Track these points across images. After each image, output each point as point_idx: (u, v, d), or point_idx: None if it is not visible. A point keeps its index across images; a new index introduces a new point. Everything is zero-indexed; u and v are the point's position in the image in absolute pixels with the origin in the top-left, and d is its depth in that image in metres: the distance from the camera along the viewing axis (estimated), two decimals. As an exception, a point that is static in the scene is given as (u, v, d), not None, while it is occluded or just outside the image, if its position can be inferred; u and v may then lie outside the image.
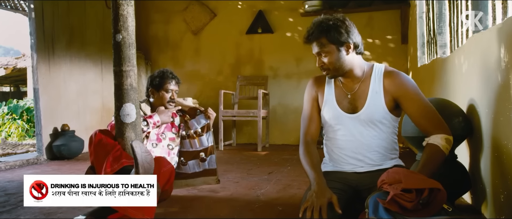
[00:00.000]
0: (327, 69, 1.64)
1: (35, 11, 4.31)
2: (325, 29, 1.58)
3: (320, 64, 1.64)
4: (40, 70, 4.32)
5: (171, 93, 2.52)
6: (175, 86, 2.55)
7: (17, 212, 2.27)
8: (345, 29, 1.58)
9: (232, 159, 4.25)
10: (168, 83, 2.51)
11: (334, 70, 1.63)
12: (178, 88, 2.60)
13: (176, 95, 2.57)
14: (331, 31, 1.57)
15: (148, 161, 1.76)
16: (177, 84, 2.58)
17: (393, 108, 1.62)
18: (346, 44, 1.59)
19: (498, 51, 1.66)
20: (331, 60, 1.60)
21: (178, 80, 2.60)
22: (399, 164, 1.68)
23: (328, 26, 1.57)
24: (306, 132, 1.73)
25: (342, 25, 1.58)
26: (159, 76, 2.53)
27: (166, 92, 2.51)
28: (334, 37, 1.57)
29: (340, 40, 1.57)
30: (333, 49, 1.59)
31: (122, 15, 1.80)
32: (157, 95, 2.53)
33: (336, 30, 1.57)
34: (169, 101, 2.52)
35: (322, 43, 1.60)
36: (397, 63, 5.14)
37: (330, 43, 1.58)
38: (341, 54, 1.60)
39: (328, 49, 1.59)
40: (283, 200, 2.45)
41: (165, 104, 2.51)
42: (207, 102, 5.95)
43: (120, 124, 1.83)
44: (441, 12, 3.17)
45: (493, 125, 1.77)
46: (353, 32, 1.60)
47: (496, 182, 1.75)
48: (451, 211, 1.26)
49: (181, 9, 6.11)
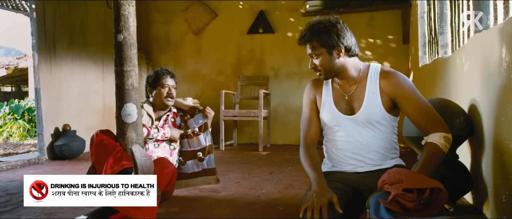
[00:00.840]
0: (319, 71, 1.66)
1: (36, 11, 4.32)
2: (316, 32, 1.59)
3: (312, 66, 1.67)
4: (41, 70, 4.33)
5: (168, 88, 2.54)
6: (171, 81, 2.57)
7: (18, 212, 2.28)
8: (336, 33, 1.58)
9: (233, 159, 4.25)
10: (163, 79, 2.53)
11: (325, 72, 1.64)
12: (175, 83, 2.61)
13: (174, 91, 2.58)
14: (322, 34, 1.58)
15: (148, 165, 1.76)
16: (172, 79, 2.59)
17: (390, 108, 1.62)
18: (336, 48, 1.59)
19: (499, 51, 1.66)
20: (322, 63, 1.62)
21: (173, 75, 2.62)
22: (400, 164, 1.68)
23: (319, 29, 1.58)
24: (306, 134, 1.74)
25: (332, 29, 1.58)
26: (154, 74, 2.57)
27: (162, 88, 2.53)
28: (325, 41, 1.58)
29: (330, 43, 1.58)
30: (324, 52, 1.60)
31: (123, 15, 1.80)
32: (155, 93, 2.55)
33: (326, 34, 1.57)
34: (167, 97, 2.53)
35: (313, 46, 1.61)
36: (398, 63, 5.14)
37: (321, 46, 1.60)
38: (332, 57, 1.61)
39: (319, 52, 1.61)
40: (284, 200, 2.45)
41: (163, 100, 2.53)
42: (208, 102, 5.96)
43: (121, 124, 1.83)
44: (442, 12, 3.16)
45: (494, 125, 1.76)
46: (345, 35, 1.60)
47: (498, 182, 1.75)
48: (452, 211, 1.26)
49: (182, 9, 6.12)
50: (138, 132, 1.85)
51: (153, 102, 2.59)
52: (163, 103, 2.55)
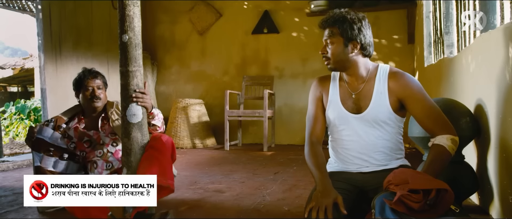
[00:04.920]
0: (328, 59, 1.64)
1: (42, 12, 4.35)
2: (340, 19, 1.58)
3: (323, 52, 1.64)
4: (47, 70, 4.36)
5: (92, 89, 2.33)
6: (93, 81, 2.34)
7: (24, 211, 2.29)
8: (358, 27, 1.57)
9: (238, 159, 4.25)
10: (85, 81, 2.34)
11: (334, 62, 1.62)
12: (100, 82, 2.37)
13: (100, 91, 2.35)
14: (345, 23, 1.57)
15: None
16: (96, 78, 2.36)
17: (398, 108, 1.61)
18: (353, 42, 1.58)
19: (506, 51, 1.65)
20: (334, 51, 1.60)
21: (96, 73, 2.38)
22: (405, 164, 1.67)
23: (344, 18, 1.58)
24: (311, 132, 1.73)
25: (357, 23, 1.58)
26: (77, 77, 2.39)
27: (86, 91, 2.32)
28: (345, 30, 1.57)
29: (349, 35, 1.57)
30: (340, 41, 1.59)
31: (128, 16, 1.80)
32: (81, 97, 2.36)
33: (349, 25, 1.57)
34: (93, 98, 2.31)
35: (332, 32, 1.60)
36: (403, 63, 5.12)
37: (340, 34, 1.59)
38: (346, 49, 1.60)
39: (336, 40, 1.59)
40: (289, 200, 2.45)
41: (89, 102, 2.32)
42: (213, 102, 5.98)
43: (127, 124, 1.83)
44: (448, 12, 3.14)
45: (501, 125, 1.75)
46: (366, 34, 1.60)
47: (504, 183, 1.73)
48: (458, 212, 1.25)
49: (187, 10, 6.13)
50: (143, 132, 1.86)
51: (83, 107, 2.40)
52: (91, 106, 2.33)
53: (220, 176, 3.27)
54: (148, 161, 1.82)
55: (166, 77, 6.33)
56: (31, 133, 2.24)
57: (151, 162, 1.82)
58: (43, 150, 2.24)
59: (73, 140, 2.33)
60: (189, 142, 5.38)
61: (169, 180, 1.85)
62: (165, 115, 6.06)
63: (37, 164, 2.19)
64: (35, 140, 2.22)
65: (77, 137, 2.33)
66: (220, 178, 3.17)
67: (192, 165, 3.90)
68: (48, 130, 2.28)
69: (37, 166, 2.20)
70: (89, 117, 2.38)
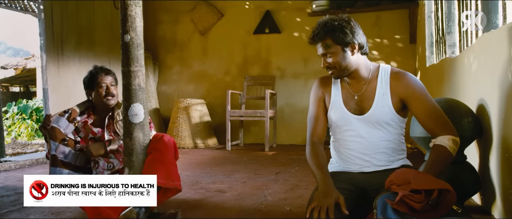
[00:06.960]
0: (333, 69, 1.63)
1: (44, 12, 4.36)
2: (330, 29, 1.57)
3: (325, 65, 1.64)
4: (49, 70, 4.36)
5: (106, 86, 2.33)
6: (107, 78, 2.34)
7: (27, 210, 2.30)
8: (350, 30, 1.57)
9: (239, 159, 4.25)
10: (99, 78, 2.33)
11: (339, 70, 1.62)
12: (113, 79, 2.38)
13: (113, 88, 2.36)
14: (336, 31, 1.56)
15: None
16: (109, 75, 2.36)
17: (400, 109, 1.61)
18: (351, 45, 1.58)
19: (508, 51, 1.64)
20: (337, 61, 1.60)
21: (109, 71, 2.39)
22: (407, 164, 1.67)
23: (334, 26, 1.57)
24: (313, 133, 1.72)
25: (347, 26, 1.57)
26: (89, 75, 2.38)
27: (100, 88, 2.32)
28: (339, 38, 1.56)
29: (345, 40, 1.57)
30: (338, 49, 1.59)
31: (130, 16, 1.81)
32: (94, 94, 2.36)
33: (341, 31, 1.56)
34: (106, 96, 2.32)
35: (327, 44, 1.59)
36: (405, 63, 5.11)
37: (335, 44, 1.58)
38: (346, 54, 1.59)
39: (333, 50, 1.59)
40: (291, 200, 2.45)
41: (103, 100, 2.32)
42: (214, 102, 5.98)
43: (128, 124, 1.83)
44: (450, 12, 3.14)
45: (503, 125, 1.75)
46: (358, 32, 1.60)
47: (506, 183, 1.73)
48: (460, 212, 1.25)
49: (189, 10, 6.14)
50: (144, 132, 1.86)
51: (95, 104, 2.40)
52: (105, 104, 2.32)
53: (221, 176, 3.27)
54: (151, 165, 1.83)
55: (168, 77, 6.34)
56: (47, 121, 2.25)
57: (155, 166, 1.83)
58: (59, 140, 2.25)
59: (80, 134, 2.35)
60: (191, 142, 5.39)
61: (175, 181, 1.86)
62: (167, 115, 6.08)
63: (53, 153, 2.20)
64: (50, 128, 2.23)
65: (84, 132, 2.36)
66: (221, 178, 3.17)
67: (193, 165, 3.90)
68: (63, 120, 2.29)
69: (53, 154, 2.20)
70: (99, 114, 2.40)
